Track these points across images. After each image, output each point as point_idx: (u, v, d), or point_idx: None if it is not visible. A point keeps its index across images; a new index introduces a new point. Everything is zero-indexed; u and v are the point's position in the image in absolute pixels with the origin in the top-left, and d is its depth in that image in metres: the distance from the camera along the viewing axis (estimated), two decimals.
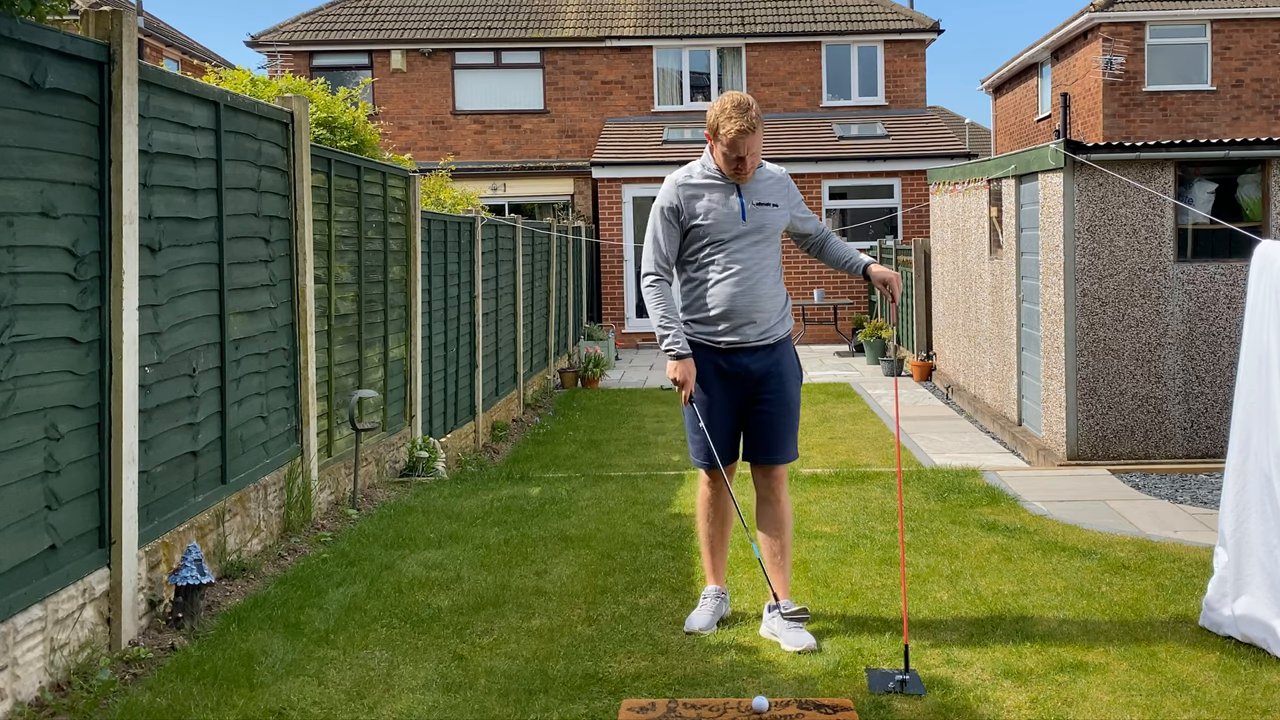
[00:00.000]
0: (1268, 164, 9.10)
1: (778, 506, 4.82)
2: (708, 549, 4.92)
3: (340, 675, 4.30)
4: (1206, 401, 9.18)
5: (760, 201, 4.71)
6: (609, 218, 22.51)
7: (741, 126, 4.50)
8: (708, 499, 4.88)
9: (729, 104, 4.54)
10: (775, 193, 4.76)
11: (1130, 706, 3.99)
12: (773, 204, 4.73)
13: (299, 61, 24.62)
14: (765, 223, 4.70)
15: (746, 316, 4.66)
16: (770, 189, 4.76)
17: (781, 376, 4.76)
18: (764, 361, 4.72)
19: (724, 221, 4.65)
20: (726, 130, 4.52)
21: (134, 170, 4.60)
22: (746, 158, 4.58)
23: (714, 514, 4.88)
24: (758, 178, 4.74)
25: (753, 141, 4.55)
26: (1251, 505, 4.59)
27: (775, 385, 4.75)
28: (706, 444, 4.72)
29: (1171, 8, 24.23)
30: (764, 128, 4.66)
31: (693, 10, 25.69)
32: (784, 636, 4.58)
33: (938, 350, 15.33)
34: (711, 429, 4.72)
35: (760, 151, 4.64)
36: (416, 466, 8.66)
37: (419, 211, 9.18)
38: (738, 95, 4.60)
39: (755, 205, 4.69)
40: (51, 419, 4.14)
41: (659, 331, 4.71)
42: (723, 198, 4.68)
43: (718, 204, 4.67)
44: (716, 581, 4.91)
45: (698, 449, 4.80)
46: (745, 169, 4.62)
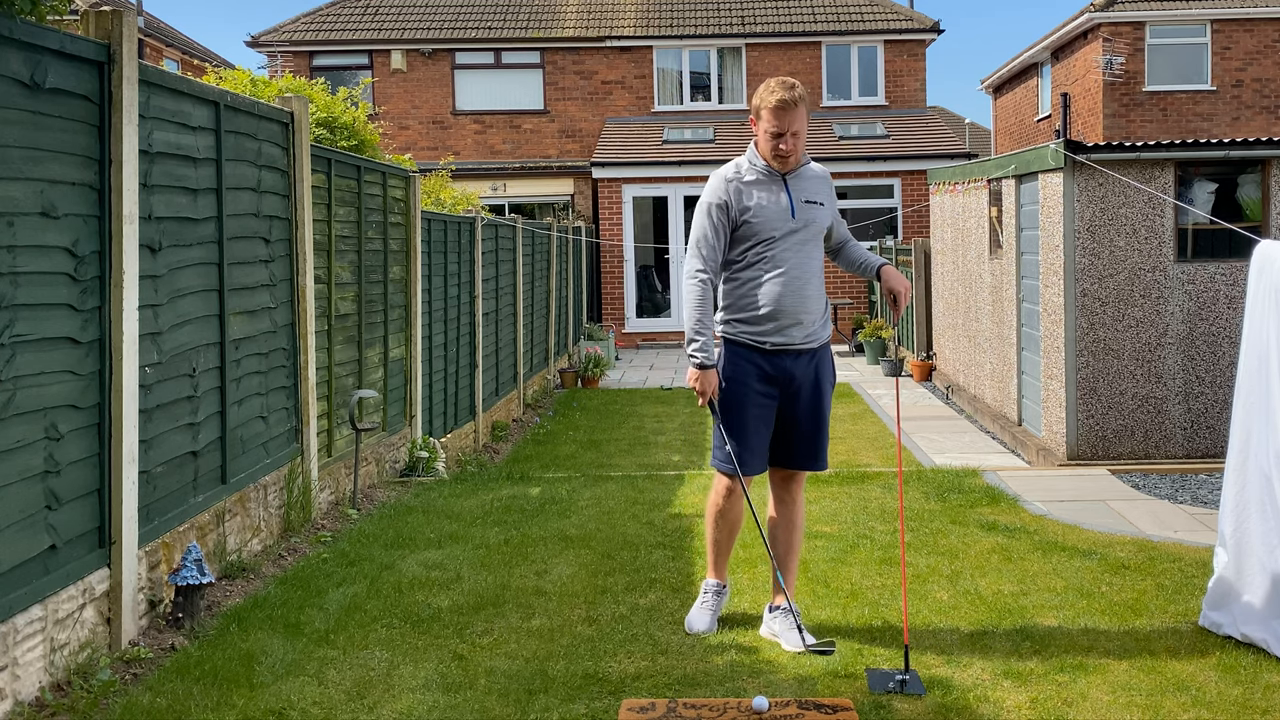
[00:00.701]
0: (1268, 164, 9.10)
1: (793, 508, 4.75)
2: (713, 548, 4.82)
3: (340, 675, 4.30)
4: (1206, 401, 9.18)
5: (808, 199, 4.61)
6: (609, 218, 22.50)
7: (783, 97, 4.42)
8: (719, 508, 4.73)
9: (773, 81, 4.51)
10: (821, 191, 4.67)
11: (1130, 706, 3.99)
12: (819, 202, 4.64)
13: (299, 61, 24.62)
14: (813, 220, 4.60)
15: (794, 317, 4.54)
16: (816, 187, 4.66)
17: (820, 384, 4.65)
18: (806, 367, 4.61)
19: (773, 219, 4.54)
20: (768, 101, 4.44)
21: (134, 170, 4.60)
22: (788, 135, 4.46)
23: (723, 522, 4.76)
24: (804, 174, 4.63)
25: (794, 117, 4.44)
26: (1251, 505, 4.59)
27: (814, 392, 4.63)
28: (738, 449, 4.57)
29: (1171, 8, 24.23)
30: (809, 114, 4.57)
31: (693, 10, 25.69)
32: (785, 637, 4.57)
33: (938, 350, 15.33)
34: (746, 435, 4.58)
35: (805, 134, 4.52)
36: (416, 466, 8.66)
37: (419, 211, 9.18)
38: (784, 77, 4.55)
39: (804, 202, 4.58)
40: (52, 419, 4.14)
41: (689, 334, 4.56)
42: (772, 194, 4.57)
43: (767, 200, 4.55)
44: (718, 576, 4.84)
45: (726, 454, 4.59)
46: (788, 149, 4.49)
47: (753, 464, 4.62)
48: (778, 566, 4.74)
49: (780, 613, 4.66)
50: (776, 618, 4.66)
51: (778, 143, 4.49)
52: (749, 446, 4.60)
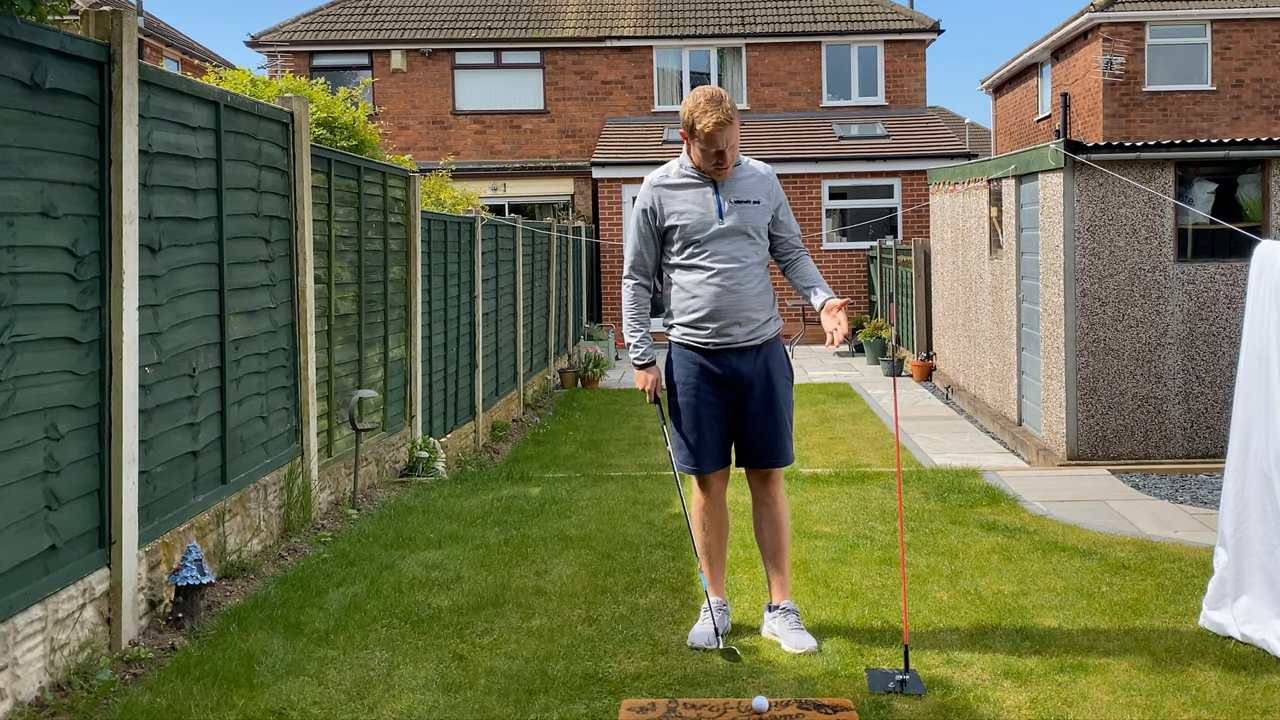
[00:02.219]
0: (1268, 164, 9.10)
1: (774, 508, 4.75)
2: (705, 559, 4.76)
3: (340, 675, 4.30)
4: (1206, 401, 9.18)
5: (739, 199, 4.58)
6: (609, 218, 22.50)
7: (719, 119, 4.38)
8: (702, 508, 4.74)
9: (702, 98, 4.44)
10: (756, 189, 4.62)
11: (1130, 706, 3.99)
12: (752, 201, 4.60)
13: (299, 61, 24.62)
14: (745, 219, 4.57)
15: (733, 317, 4.55)
16: (751, 186, 4.62)
17: (770, 378, 4.63)
18: (753, 363, 4.60)
19: (701, 221, 4.54)
20: (704, 125, 4.41)
21: (134, 170, 4.60)
22: (726, 150, 4.45)
23: (709, 523, 4.74)
24: (738, 175, 4.61)
25: (731, 133, 4.43)
26: (1252, 505, 4.59)
27: (765, 388, 4.62)
28: (692, 450, 4.63)
29: (1171, 8, 24.23)
30: (739, 119, 4.55)
31: (693, 10, 25.69)
32: (785, 637, 4.57)
33: (938, 350, 15.33)
34: (700, 434, 4.62)
35: (738, 144, 4.52)
36: (416, 466, 8.66)
37: (419, 211, 9.18)
38: (709, 89, 4.47)
39: (734, 203, 4.56)
40: (51, 419, 4.14)
41: (626, 337, 4.73)
42: (699, 196, 4.57)
43: (694, 203, 4.56)
44: (717, 593, 4.76)
45: (684, 456, 4.67)
46: (725, 163, 4.49)
47: (708, 463, 4.66)
48: (767, 566, 4.76)
49: (780, 612, 4.66)
50: (776, 617, 4.66)
51: (717, 161, 4.50)
52: (702, 446, 4.63)
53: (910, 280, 16.68)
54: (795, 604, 4.79)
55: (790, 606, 4.67)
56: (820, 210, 22.12)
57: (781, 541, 4.75)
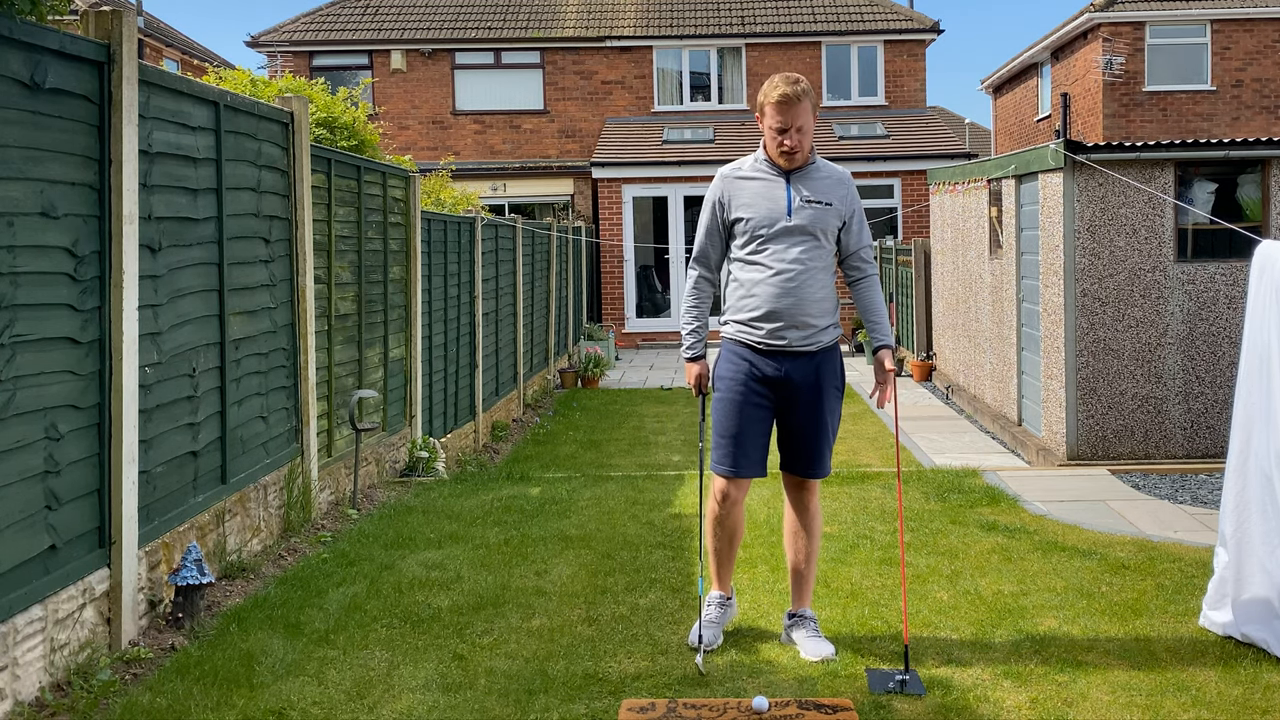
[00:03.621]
0: (1268, 164, 9.10)
1: (807, 516, 4.65)
2: (714, 559, 4.70)
3: (340, 675, 4.30)
4: (1206, 401, 9.18)
5: (811, 199, 4.43)
6: (609, 218, 22.50)
7: (786, 92, 4.31)
8: (716, 516, 4.60)
9: (777, 77, 4.40)
10: (831, 191, 4.48)
11: (1130, 706, 3.99)
12: (825, 202, 4.45)
13: (299, 61, 24.61)
14: (814, 220, 4.43)
15: (791, 320, 4.41)
16: (826, 187, 4.48)
17: (821, 388, 4.49)
18: (805, 369, 4.47)
19: (768, 216, 4.42)
20: (770, 96, 4.35)
21: (134, 170, 4.60)
22: (792, 130, 4.34)
23: (722, 531, 4.62)
24: (813, 174, 4.48)
25: (798, 112, 4.33)
26: (1252, 505, 4.59)
27: (813, 396, 4.49)
28: (731, 449, 4.49)
29: (1171, 8, 24.23)
30: (816, 109, 4.46)
31: (693, 10, 25.69)
32: (803, 645, 4.53)
33: (938, 350, 15.33)
34: (740, 436, 4.47)
35: (810, 131, 4.40)
36: (416, 466, 8.66)
37: (419, 211, 9.18)
38: (789, 73, 4.44)
39: (804, 201, 4.42)
40: (51, 419, 4.14)
41: (681, 327, 4.70)
42: (769, 190, 4.45)
43: (763, 196, 4.45)
44: (722, 588, 4.72)
45: (722, 454, 4.51)
46: (792, 144, 4.37)
47: (746, 466, 4.51)
48: (792, 573, 4.70)
49: (799, 620, 4.63)
50: (795, 625, 4.63)
51: (782, 138, 4.38)
52: (742, 448, 4.49)
53: (910, 280, 16.68)
54: (788, 609, 4.76)
55: (810, 614, 4.65)
56: None
57: (811, 551, 4.67)
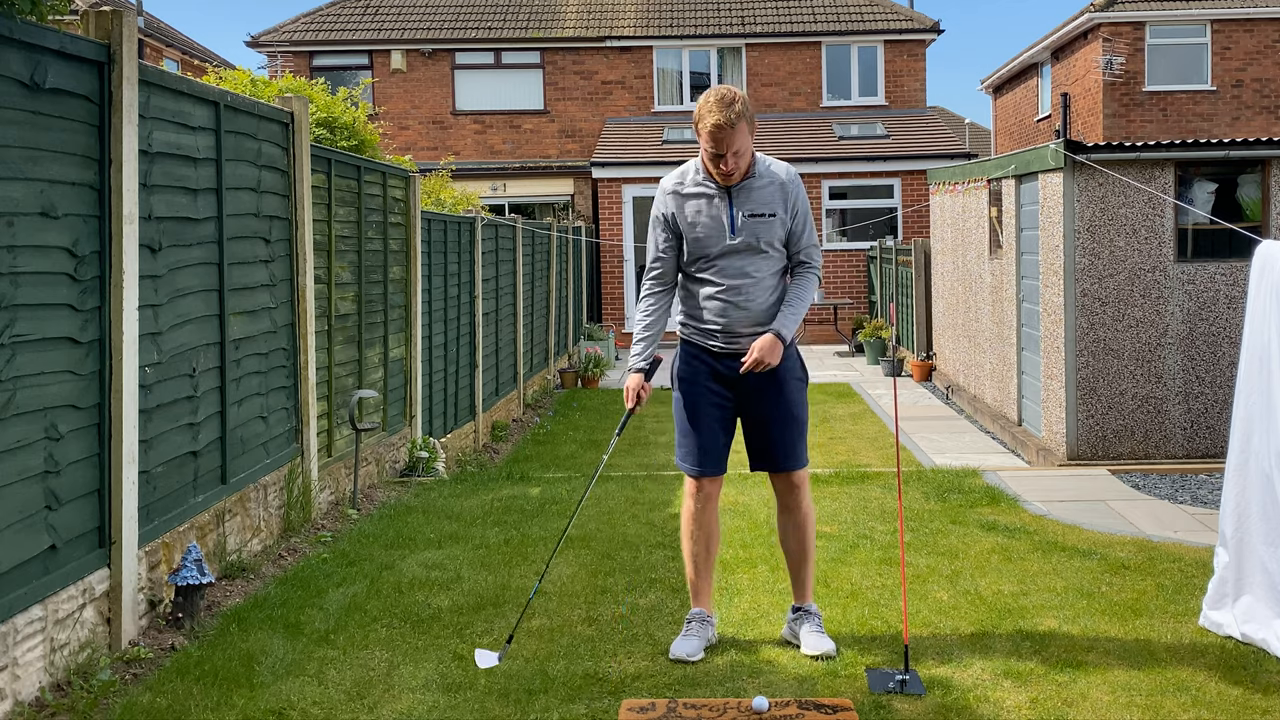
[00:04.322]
0: (1268, 164, 9.10)
1: (798, 514, 4.64)
2: (691, 568, 4.64)
3: (340, 675, 4.30)
4: (1206, 401, 9.18)
5: (753, 212, 4.41)
6: (609, 218, 22.51)
7: (718, 120, 4.20)
8: (692, 514, 4.60)
9: (713, 97, 4.26)
10: (772, 200, 4.44)
11: (1130, 706, 3.99)
12: (767, 214, 4.43)
13: (299, 61, 24.62)
14: (758, 234, 4.42)
15: (741, 329, 4.46)
16: (767, 196, 4.44)
17: (781, 382, 4.51)
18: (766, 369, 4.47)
19: (712, 235, 4.42)
20: (704, 124, 4.26)
21: (134, 170, 4.60)
22: (727, 155, 4.28)
23: (698, 531, 4.59)
24: (754, 184, 4.44)
25: (734, 137, 4.24)
26: (1252, 506, 4.59)
27: (775, 392, 4.51)
28: (692, 448, 4.54)
29: (1171, 8, 24.23)
30: (754, 125, 4.33)
31: (693, 10, 25.69)
32: (804, 640, 4.54)
33: (938, 350, 15.33)
34: (701, 434, 4.52)
35: (748, 150, 4.34)
36: (416, 466, 8.66)
37: (419, 211, 9.18)
38: (723, 89, 4.29)
39: (747, 217, 4.41)
40: (51, 419, 4.14)
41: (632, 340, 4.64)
42: (711, 207, 4.43)
43: (706, 215, 4.43)
44: (701, 605, 4.64)
45: (685, 453, 4.58)
46: (729, 169, 4.32)
47: (708, 463, 4.55)
48: (790, 571, 4.71)
49: (801, 614, 4.63)
50: (797, 619, 4.63)
51: (718, 162, 4.35)
52: (703, 445, 4.54)
53: (910, 280, 16.68)
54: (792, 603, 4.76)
55: (812, 609, 4.64)
56: (820, 210, 22.12)
57: (806, 546, 4.66)
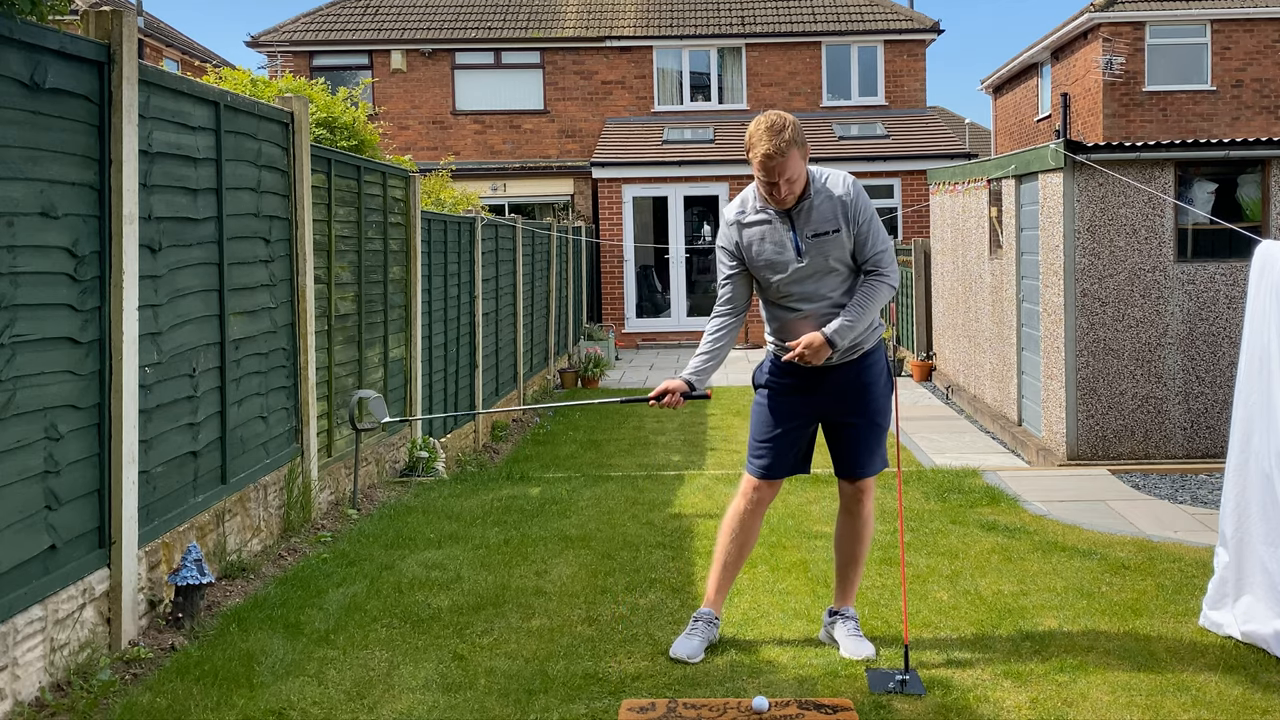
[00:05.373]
0: (1268, 164, 9.10)
1: (858, 521, 4.63)
2: (719, 567, 4.61)
3: (340, 675, 4.30)
4: (1207, 401, 9.18)
5: (816, 232, 4.35)
6: (609, 218, 22.50)
7: (768, 150, 4.18)
8: (740, 514, 4.56)
9: (763, 124, 4.24)
10: (833, 216, 4.35)
11: (1130, 706, 3.99)
12: (831, 231, 4.35)
13: (299, 61, 24.61)
14: (826, 253, 4.36)
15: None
16: (827, 213, 4.35)
17: (867, 388, 4.50)
18: (848, 374, 4.49)
19: (780, 262, 4.39)
20: (755, 154, 4.22)
21: (134, 170, 4.60)
22: (780, 183, 4.25)
23: (740, 533, 4.57)
24: (813, 203, 4.36)
25: (785, 165, 4.20)
26: (1253, 506, 4.59)
27: (860, 398, 4.49)
28: (766, 453, 4.51)
29: (1171, 8, 24.23)
30: (805, 149, 4.27)
31: (693, 10, 25.69)
32: (843, 643, 4.53)
33: (938, 350, 15.33)
34: (777, 439, 4.50)
35: (801, 176, 4.28)
36: (416, 466, 8.66)
37: (419, 211, 9.18)
38: (774, 115, 4.27)
39: (810, 238, 4.35)
40: (51, 419, 4.14)
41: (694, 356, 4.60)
42: (774, 234, 4.39)
43: (770, 241, 4.40)
44: (714, 606, 4.62)
45: (755, 456, 4.54)
46: (782, 195, 4.28)
47: (779, 470, 4.56)
48: (838, 572, 4.70)
49: (840, 618, 4.62)
50: (836, 623, 4.62)
51: (771, 190, 4.33)
52: (777, 453, 4.53)
53: (910, 280, 16.68)
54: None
55: (851, 613, 4.63)
56: None
57: (859, 553, 4.66)
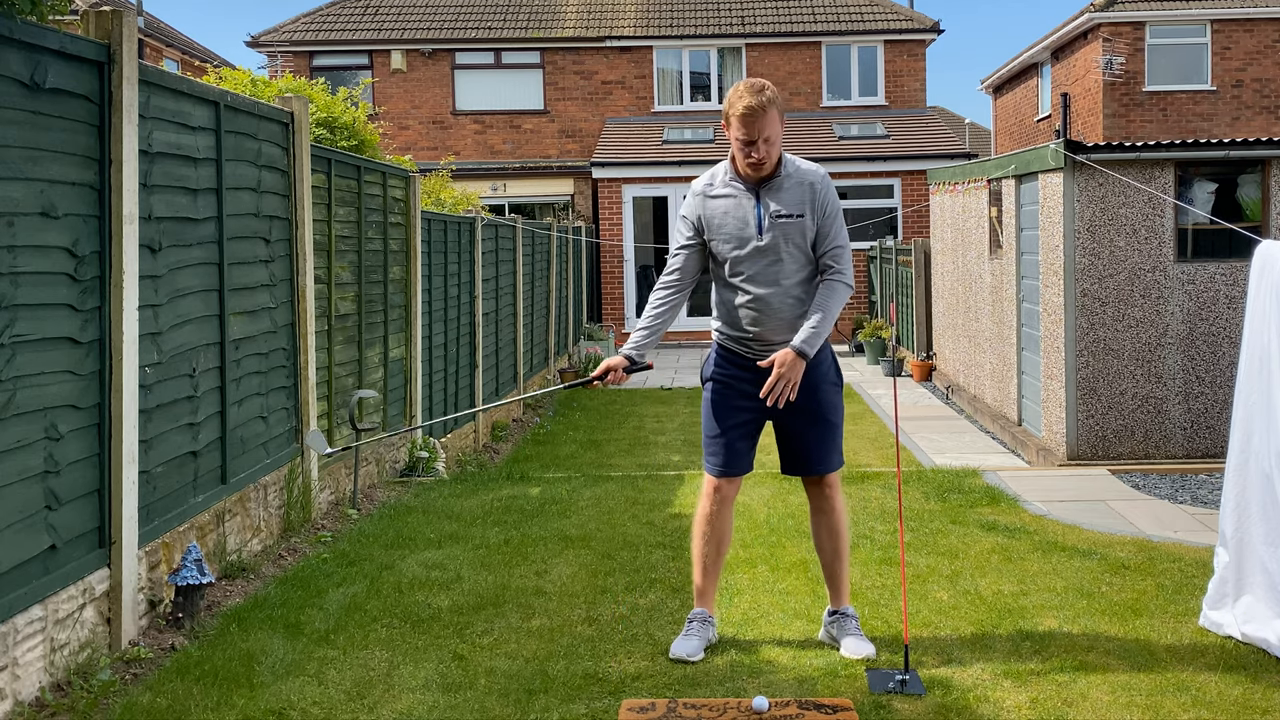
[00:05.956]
0: (1268, 164, 9.10)
1: (831, 516, 4.62)
2: (700, 569, 4.60)
3: (340, 675, 4.30)
4: (1206, 401, 9.18)
5: (781, 214, 4.35)
6: (609, 218, 22.50)
7: (750, 104, 4.18)
8: (707, 515, 4.57)
9: (742, 85, 4.27)
10: (801, 201, 4.36)
11: (1130, 706, 3.99)
12: (795, 215, 4.35)
13: (299, 61, 24.62)
14: (786, 235, 4.35)
15: (771, 338, 4.41)
16: (795, 197, 4.36)
17: (814, 386, 4.45)
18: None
19: (740, 237, 4.37)
20: (735, 109, 4.23)
21: (134, 170, 4.60)
22: (758, 142, 4.24)
23: (711, 533, 4.56)
24: (783, 184, 4.37)
25: (764, 123, 4.20)
26: (1253, 505, 4.59)
27: (807, 396, 4.44)
28: (721, 448, 4.52)
29: (1171, 8, 24.23)
30: (783, 116, 4.29)
31: (693, 10, 25.69)
32: (844, 643, 4.53)
33: (938, 350, 15.33)
34: (729, 435, 4.50)
35: (778, 139, 4.28)
36: (416, 466, 8.66)
37: (419, 211, 9.18)
38: (753, 79, 4.30)
39: (774, 218, 4.35)
40: (51, 419, 4.14)
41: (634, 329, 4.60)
42: (739, 210, 4.38)
43: (733, 216, 4.39)
44: (704, 605, 4.60)
45: (711, 453, 4.56)
46: (760, 156, 4.26)
47: (736, 465, 4.55)
48: (825, 575, 4.70)
49: (839, 617, 4.62)
50: (835, 622, 4.62)
51: (749, 149, 4.30)
52: (731, 448, 4.53)
53: (910, 280, 16.68)
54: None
55: (850, 612, 4.63)
56: None
57: (840, 549, 4.65)
